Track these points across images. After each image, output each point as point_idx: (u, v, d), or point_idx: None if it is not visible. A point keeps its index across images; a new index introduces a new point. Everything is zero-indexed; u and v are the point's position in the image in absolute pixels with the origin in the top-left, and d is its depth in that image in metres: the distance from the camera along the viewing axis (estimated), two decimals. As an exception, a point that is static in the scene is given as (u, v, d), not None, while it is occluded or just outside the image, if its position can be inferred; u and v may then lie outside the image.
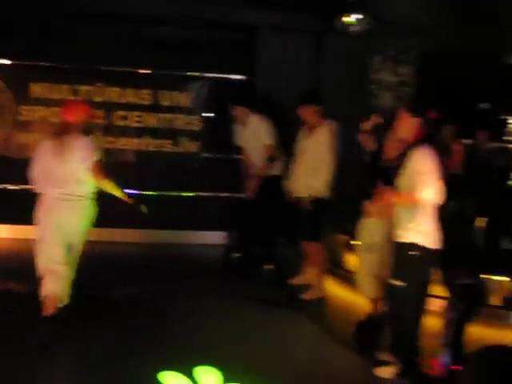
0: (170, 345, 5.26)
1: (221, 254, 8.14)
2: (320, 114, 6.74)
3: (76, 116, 5.31)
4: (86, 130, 5.39)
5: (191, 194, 8.96)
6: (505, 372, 2.23)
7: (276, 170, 7.63)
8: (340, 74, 8.60)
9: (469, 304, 4.90)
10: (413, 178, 4.66)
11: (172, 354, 5.05)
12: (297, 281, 7.19)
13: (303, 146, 6.84)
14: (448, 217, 4.92)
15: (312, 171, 6.67)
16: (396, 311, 4.87)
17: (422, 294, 4.89)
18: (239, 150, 7.89)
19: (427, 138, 4.86)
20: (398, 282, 4.75)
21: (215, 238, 8.80)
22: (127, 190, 5.63)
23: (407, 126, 4.90)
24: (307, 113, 6.74)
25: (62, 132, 5.26)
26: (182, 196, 8.94)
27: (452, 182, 4.93)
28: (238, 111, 7.63)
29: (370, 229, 5.66)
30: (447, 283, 4.97)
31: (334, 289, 7.13)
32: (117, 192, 5.44)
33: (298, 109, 6.74)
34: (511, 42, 9.19)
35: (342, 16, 7.51)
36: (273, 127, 7.60)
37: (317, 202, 6.70)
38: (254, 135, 7.61)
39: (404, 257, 4.78)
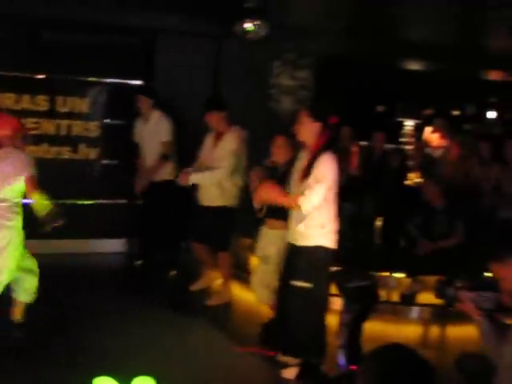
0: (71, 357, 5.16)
1: (122, 262, 8.03)
2: (226, 121, 6.75)
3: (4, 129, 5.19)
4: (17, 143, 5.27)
5: (90, 202, 8.77)
6: (398, 370, 2.30)
7: (170, 173, 7.55)
8: (239, 79, 8.65)
9: (363, 305, 5.01)
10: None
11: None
12: (197, 286, 7.19)
13: (210, 153, 6.77)
14: (345, 219, 5.05)
15: (221, 180, 6.66)
16: (302, 313, 4.95)
17: (326, 294, 5.01)
18: (136, 148, 7.82)
19: (330, 143, 4.97)
20: (304, 284, 4.84)
21: (116, 246, 8.67)
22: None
23: (308, 130, 4.98)
24: (213, 119, 6.72)
25: None
26: (81, 204, 8.74)
27: (350, 184, 5.07)
28: (143, 103, 7.58)
29: (266, 240, 5.74)
30: (340, 286, 5.06)
31: (240, 293, 7.14)
32: (44, 205, 5.28)
33: (204, 115, 6.73)
34: (406, 47, 9.52)
35: (240, 21, 7.53)
36: (172, 126, 7.59)
37: (226, 210, 6.73)
38: (153, 132, 7.58)
39: (309, 258, 4.89)
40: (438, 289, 3.92)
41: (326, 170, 4.81)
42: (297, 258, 4.98)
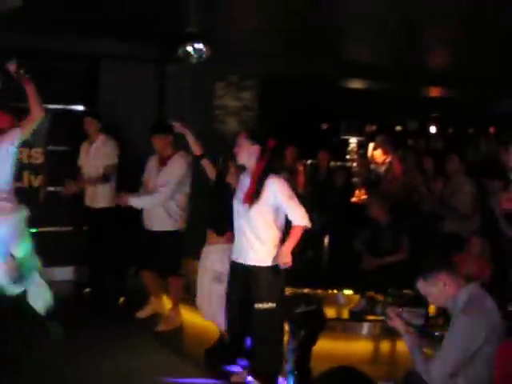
0: None
1: (70, 290, 7.92)
2: (172, 145, 6.77)
3: None
4: None
5: (35, 230, 8.64)
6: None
7: (111, 200, 7.45)
8: (184, 102, 8.68)
9: (311, 329, 5.05)
10: (271, 206, 4.93)
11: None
12: (143, 313, 7.10)
13: (154, 177, 6.76)
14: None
15: (170, 204, 6.67)
16: (266, 334, 5.03)
17: (283, 313, 5.06)
18: (78, 171, 7.78)
19: (271, 166, 5.05)
20: (267, 305, 4.89)
21: (62, 274, 8.55)
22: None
23: (247, 152, 5.06)
24: (159, 143, 6.74)
25: None
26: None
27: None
28: (90, 125, 7.57)
29: (214, 256, 5.74)
30: (286, 311, 5.09)
31: (190, 317, 7.08)
32: None
33: (150, 138, 6.76)
34: (348, 67, 9.70)
35: (182, 45, 7.58)
36: (117, 149, 7.58)
37: (172, 234, 6.72)
38: (98, 154, 7.56)
39: (267, 279, 4.99)
40: (367, 305, 4.01)
41: (288, 188, 5.01)
42: (256, 280, 5.03)
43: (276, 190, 4.93)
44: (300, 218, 4.95)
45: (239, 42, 8.16)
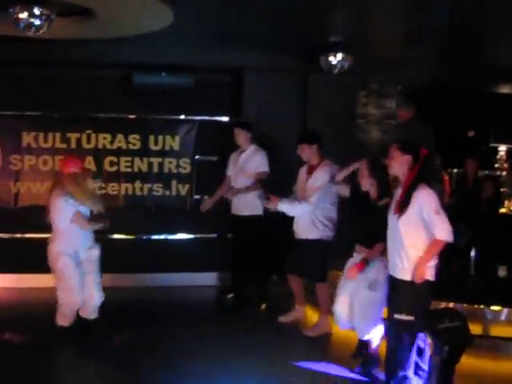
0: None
1: (213, 296, 8.16)
2: (318, 154, 6.88)
3: (70, 168, 6.26)
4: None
5: (183, 237, 8.99)
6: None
7: (258, 208, 7.60)
8: (327, 111, 8.69)
9: (455, 346, 4.88)
10: (419, 218, 4.81)
11: None
12: (286, 318, 7.23)
13: (303, 186, 6.93)
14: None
15: (315, 214, 6.77)
16: (397, 344, 4.95)
17: (421, 327, 4.94)
18: (223, 181, 7.97)
19: (422, 174, 4.96)
20: (406, 317, 4.81)
21: (209, 279, 8.84)
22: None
23: (399, 164, 4.99)
24: (305, 152, 6.91)
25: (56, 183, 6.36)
26: (172, 239, 8.97)
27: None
28: (241, 135, 7.73)
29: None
30: (430, 327, 4.95)
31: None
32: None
33: (297, 148, 6.91)
34: (497, 73, 9.30)
35: (325, 55, 7.59)
36: (267, 159, 7.69)
37: (319, 243, 6.81)
38: (247, 164, 7.69)
39: (414, 292, 4.89)
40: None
41: (436, 201, 4.86)
42: (399, 291, 4.97)
43: (423, 202, 4.82)
44: (443, 232, 4.81)
45: (381, 50, 8.05)
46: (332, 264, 7.37)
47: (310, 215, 6.76)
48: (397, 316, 4.91)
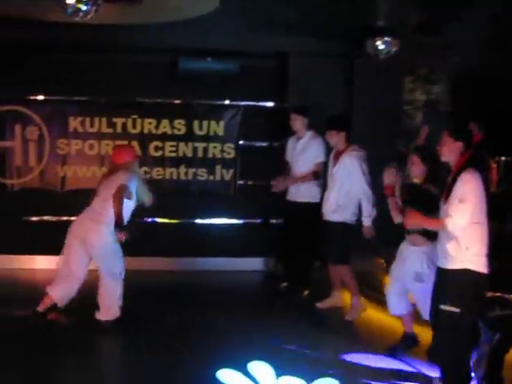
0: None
1: (256, 280, 8.18)
2: (346, 140, 6.85)
3: (123, 158, 6.35)
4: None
5: (225, 222, 9.02)
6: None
7: (314, 196, 7.59)
8: (373, 97, 8.59)
9: (506, 335, 4.79)
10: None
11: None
12: (324, 305, 7.24)
13: (332, 171, 6.97)
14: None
15: (339, 196, 6.82)
16: (449, 338, 4.79)
17: (475, 320, 4.84)
18: (285, 167, 7.92)
19: (472, 161, 4.84)
20: (452, 308, 4.72)
21: (254, 264, 8.88)
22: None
23: (450, 150, 4.88)
24: (333, 138, 6.91)
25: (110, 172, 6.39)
26: (216, 223, 9.01)
27: (490, 202, 4.87)
28: (297, 121, 7.65)
29: (414, 257, 5.63)
30: (479, 315, 4.84)
31: (373, 313, 7.08)
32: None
33: (325, 134, 6.91)
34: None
35: (371, 39, 7.51)
36: (325, 146, 7.54)
37: (345, 226, 6.83)
38: (305, 151, 7.62)
39: (457, 283, 4.73)
40: None
41: (469, 189, 4.63)
42: (446, 282, 4.85)
43: (462, 185, 4.69)
44: (451, 223, 4.63)
45: (428, 35, 7.92)
46: (376, 252, 7.35)
47: (335, 199, 6.83)
48: (443, 307, 4.79)
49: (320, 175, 7.54)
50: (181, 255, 8.79)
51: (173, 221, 8.96)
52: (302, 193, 7.61)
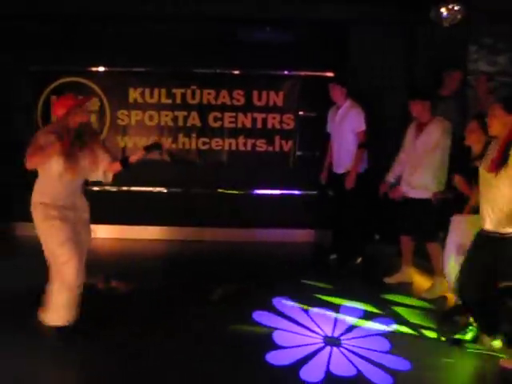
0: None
1: (311, 252, 8.18)
2: (429, 111, 6.71)
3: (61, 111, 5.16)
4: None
5: (284, 192, 9.00)
6: None
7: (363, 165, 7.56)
8: (436, 66, 8.38)
9: None
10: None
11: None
12: (392, 279, 7.13)
13: (413, 143, 6.79)
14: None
15: (426, 172, 6.63)
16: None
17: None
18: (327, 137, 7.88)
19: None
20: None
21: (305, 236, 8.87)
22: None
23: (501, 123, 4.75)
24: (417, 109, 6.72)
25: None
26: (274, 194, 9.00)
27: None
28: (336, 91, 7.60)
29: (460, 228, 5.53)
30: None
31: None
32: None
33: (408, 104, 6.75)
34: None
35: (435, 6, 7.30)
36: (365, 115, 7.51)
37: (425, 202, 6.62)
38: (345, 120, 7.56)
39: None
40: None
41: None
42: (501, 251, 4.76)
43: None
44: None
45: (494, 2, 7.67)
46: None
47: (420, 174, 6.62)
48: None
49: (365, 144, 7.47)
50: (238, 226, 8.83)
51: (232, 192, 8.99)
52: (343, 163, 7.61)
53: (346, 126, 7.55)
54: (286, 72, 8.87)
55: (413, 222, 6.76)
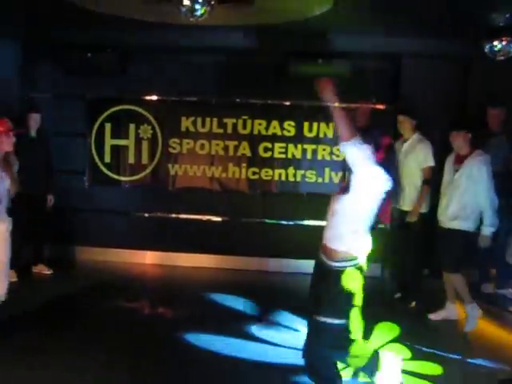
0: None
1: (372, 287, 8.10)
2: (471, 143, 6.56)
3: None
4: None
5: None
6: None
7: (425, 206, 7.36)
8: (489, 99, 8.25)
9: None
10: None
11: None
12: (436, 316, 6.98)
13: (452, 177, 6.67)
14: None
15: (461, 204, 6.53)
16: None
17: None
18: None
19: None
20: None
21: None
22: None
23: None
24: (459, 140, 6.57)
25: None
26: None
27: None
28: (405, 123, 7.45)
29: None
30: None
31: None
32: None
33: (449, 135, 6.64)
34: None
35: (489, 40, 7.20)
36: (432, 149, 7.33)
37: (467, 234, 6.51)
38: (410, 154, 7.37)
39: None
40: None
41: None
42: None
43: None
44: None
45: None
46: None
47: (460, 205, 6.51)
48: None
49: (430, 181, 7.27)
50: (286, 256, 8.80)
51: (280, 222, 8.97)
52: (408, 201, 7.40)
53: (413, 159, 7.34)
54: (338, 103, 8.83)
55: (444, 253, 6.66)
